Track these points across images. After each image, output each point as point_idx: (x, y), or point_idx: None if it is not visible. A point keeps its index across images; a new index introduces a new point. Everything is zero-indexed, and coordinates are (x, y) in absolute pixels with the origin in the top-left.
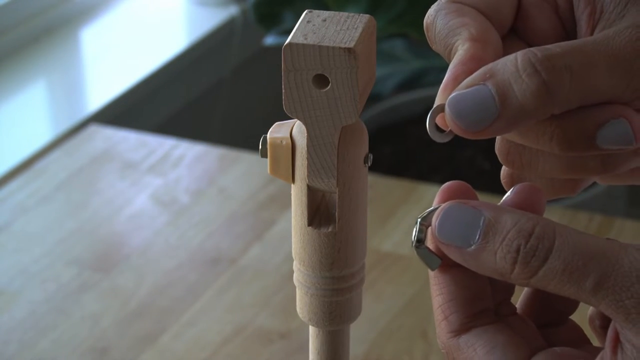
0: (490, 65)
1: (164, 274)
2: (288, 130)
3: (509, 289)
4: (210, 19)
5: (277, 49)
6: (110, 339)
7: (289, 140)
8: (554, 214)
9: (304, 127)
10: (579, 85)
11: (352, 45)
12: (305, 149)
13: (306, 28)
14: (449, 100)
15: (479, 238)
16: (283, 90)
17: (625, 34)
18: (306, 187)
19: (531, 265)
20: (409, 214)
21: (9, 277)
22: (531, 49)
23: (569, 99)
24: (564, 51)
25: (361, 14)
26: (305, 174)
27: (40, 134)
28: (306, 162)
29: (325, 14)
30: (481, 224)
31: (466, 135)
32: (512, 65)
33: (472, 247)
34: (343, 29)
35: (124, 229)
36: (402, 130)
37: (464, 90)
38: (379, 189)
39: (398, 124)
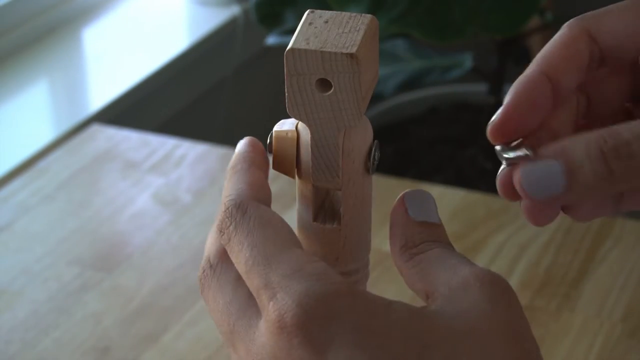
0: (564, 142)
1: (166, 274)
2: (294, 124)
3: None
4: (212, 19)
5: (278, 49)
6: (112, 338)
7: (295, 133)
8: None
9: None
10: None
11: (354, 50)
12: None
13: (308, 31)
14: (522, 170)
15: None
16: (286, 94)
17: None
18: (311, 184)
19: None
20: None
21: (11, 277)
22: (603, 134)
23: (631, 180)
24: (634, 137)
25: (363, 14)
26: (311, 171)
27: (42, 134)
28: (311, 161)
29: (327, 14)
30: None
31: (532, 201)
32: (583, 148)
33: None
34: (345, 32)
35: (126, 229)
36: (403, 130)
37: (537, 165)
38: (380, 189)
39: (399, 123)
